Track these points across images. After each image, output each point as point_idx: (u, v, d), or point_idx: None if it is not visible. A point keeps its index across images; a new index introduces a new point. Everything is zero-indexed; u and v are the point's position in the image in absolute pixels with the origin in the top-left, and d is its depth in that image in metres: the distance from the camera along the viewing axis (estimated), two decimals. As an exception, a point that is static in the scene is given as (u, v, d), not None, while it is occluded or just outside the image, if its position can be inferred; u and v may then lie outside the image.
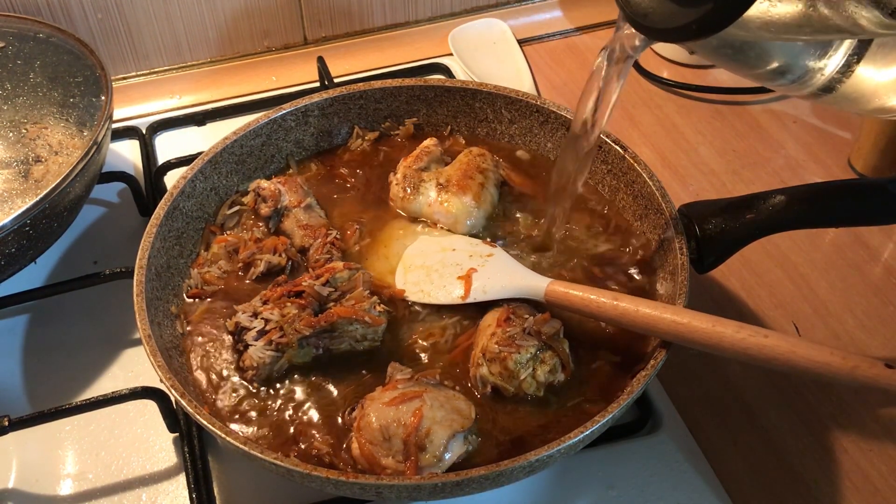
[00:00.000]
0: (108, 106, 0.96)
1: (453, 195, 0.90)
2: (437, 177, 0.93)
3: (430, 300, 0.83)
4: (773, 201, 0.80)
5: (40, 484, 0.82)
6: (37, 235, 0.87)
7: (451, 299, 0.82)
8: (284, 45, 1.31)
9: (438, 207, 0.91)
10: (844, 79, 0.60)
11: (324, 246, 0.87)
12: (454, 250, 0.87)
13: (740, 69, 0.67)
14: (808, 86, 0.62)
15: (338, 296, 0.81)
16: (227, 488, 0.81)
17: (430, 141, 0.97)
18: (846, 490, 0.80)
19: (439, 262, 0.85)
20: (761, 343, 0.66)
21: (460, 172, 0.92)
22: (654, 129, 1.19)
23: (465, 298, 0.82)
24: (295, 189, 0.92)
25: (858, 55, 0.59)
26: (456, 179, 0.91)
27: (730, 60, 0.65)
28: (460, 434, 0.71)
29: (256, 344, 0.78)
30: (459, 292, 0.82)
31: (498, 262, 0.84)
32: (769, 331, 0.67)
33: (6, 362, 0.92)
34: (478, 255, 0.86)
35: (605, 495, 0.79)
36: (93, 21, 1.19)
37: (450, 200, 0.90)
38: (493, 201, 0.92)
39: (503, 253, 0.86)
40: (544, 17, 1.40)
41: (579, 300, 0.75)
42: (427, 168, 0.94)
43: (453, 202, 0.90)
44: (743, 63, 0.65)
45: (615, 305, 0.73)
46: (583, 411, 0.74)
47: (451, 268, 0.84)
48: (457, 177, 0.92)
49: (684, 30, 0.54)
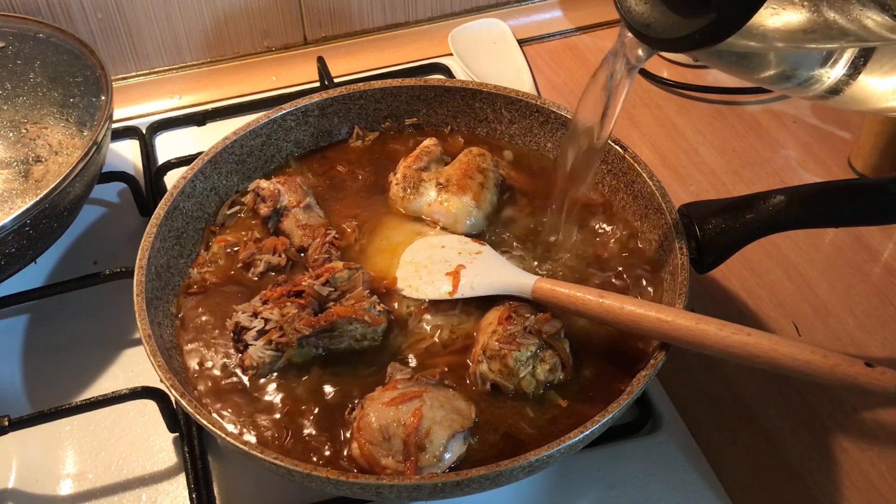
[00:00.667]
0: (108, 106, 0.96)
1: (453, 195, 0.91)
2: (436, 177, 0.93)
3: (419, 295, 0.83)
4: (773, 201, 0.80)
5: (40, 484, 0.82)
6: (37, 235, 0.87)
7: (440, 294, 0.83)
8: (284, 45, 1.31)
9: (438, 207, 0.91)
10: (851, 81, 0.60)
11: (322, 245, 0.87)
12: (443, 247, 0.87)
13: (745, 74, 0.67)
14: (815, 89, 0.62)
15: (337, 295, 0.81)
16: (227, 488, 0.81)
17: (430, 141, 0.97)
18: (846, 490, 0.80)
19: (428, 259, 0.86)
20: (744, 341, 0.67)
21: (460, 172, 0.92)
22: (654, 129, 1.19)
23: (452, 294, 0.82)
24: (294, 189, 0.92)
25: (865, 58, 0.58)
26: (456, 179, 0.91)
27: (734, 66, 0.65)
28: (460, 434, 0.71)
29: (256, 344, 0.78)
30: (447, 288, 0.83)
31: (486, 259, 0.85)
32: (752, 329, 0.67)
33: (6, 362, 0.92)
34: (467, 252, 0.86)
35: (605, 495, 0.79)
36: (93, 21, 1.19)
37: (449, 200, 0.90)
38: (492, 201, 0.92)
39: (491, 251, 0.87)
40: (544, 17, 1.40)
41: (565, 297, 0.76)
42: (427, 168, 0.94)
43: (453, 202, 0.90)
44: (747, 68, 0.65)
45: (600, 303, 0.73)
46: (583, 411, 0.74)
47: (439, 264, 0.85)
48: (456, 176, 0.92)
49: (688, 40, 0.53)
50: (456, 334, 0.81)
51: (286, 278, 0.84)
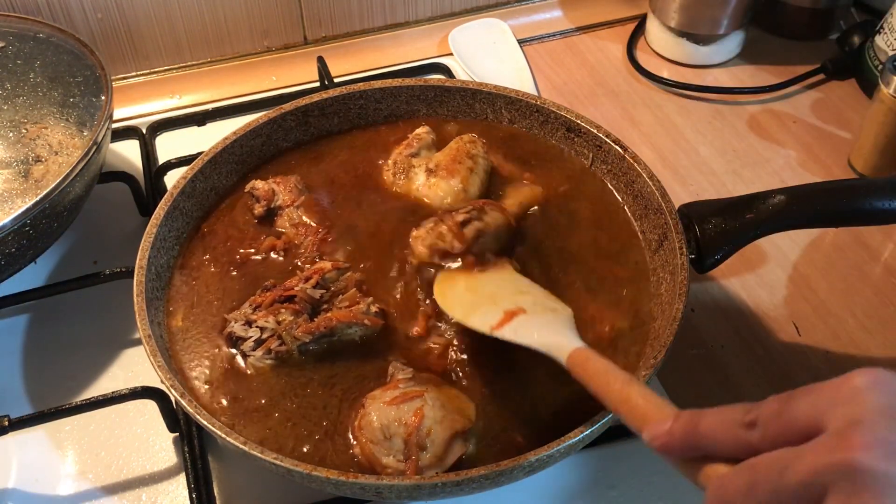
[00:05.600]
0: (108, 106, 0.96)
1: (441, 179, 0.91)
2: (426, 162, 0.93)
3: (461, 317, 0.76)
4: (773, 201, 0.80)
5: (40, 484, 0.82)
6: (37, 235, 0.87)
7: (480, 325, 0.74)
8: (284, 45, 1.31)
9: (426, 190, 0.92)
10: None
11: (313, 245, 0.87)
12: (522, 293, 0.79)
13: None
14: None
15: (329, 297, 0.81)
16: (227, 488, 0.81)
17: (423, 129, 0.97)
18: (846, 490, 0.80)
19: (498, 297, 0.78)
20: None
21: (449, 158, 0.93)
22: (654, 129, 1.19)
23: (494, 329, 0.73)
24: (290, 189, 0.92)
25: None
26: (445, 164, 0.92)
27: None
28: (461, 434, 0.71)
29: (255, 354, 0.78)
30: (492, 322, 0.73)
31: (554, 318, 0.74)
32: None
33: (6, 362, 0.92)
34: (540, 305, 0.77)
35: (605, 495, 0.79)
36: (93, 21, 1.19)
37: (438, 184, 0.91)
38: (480, 186, 0.92)
39: (568, 313, 0.76)
40: (544, 17, 1.40)
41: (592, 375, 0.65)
42: (417, 154, 0.94)
43: (441, 185, 0.91)
44: None
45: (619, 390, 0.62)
46: (582, 412, 0.74)
47: (505, 303, 0.76)
48: (446, 162, 0.92)
49: None
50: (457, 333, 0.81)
51: (274, 283, 0.83)
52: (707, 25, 1.24)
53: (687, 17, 1.24)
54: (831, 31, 1.32)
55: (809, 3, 1.29)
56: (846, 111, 1.20)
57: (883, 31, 1.16)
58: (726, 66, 1.29)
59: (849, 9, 1.33)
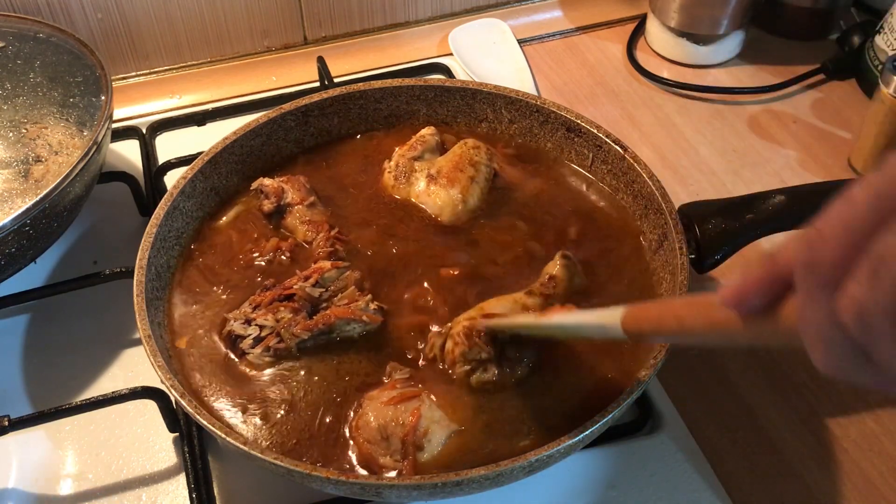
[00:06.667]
0: (108, 106, 0.96)
1: (441, 188, 0.91)
2: (428, 167, 0.93)
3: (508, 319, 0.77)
4: (773, 201, 0.80)
5: (40, 484, 0.82)
6: (37, 235, 0.87)
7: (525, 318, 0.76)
8: (284, 44, 1.31)
9: (426, 198, 0.92)
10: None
11: (327, 240, 0.87)
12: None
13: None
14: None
15: (329, 295, 0.81)
16: (227, 488, 0.81)
17: (428, 130, 0.97)
18: (846, 490, 0.80)
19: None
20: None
21: (451, 165, 0.92)
22: (654, 129, 1.19)
23: (541, 317, 0.73)
24: (298, 187, 0.92)
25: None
26: (446, 171, 0.92)
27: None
28: (459, 434, 0.71)
29: (254, 351, 0.78)
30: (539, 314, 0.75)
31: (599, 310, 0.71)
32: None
33: (6, 362, 0.92)
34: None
35: (605, 495, 0.79)
36: (93, 21, 1.19)
37: (437, 193, 0.91)
38: (481, 195, 0.92)
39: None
40: (544, 17, 1.40)
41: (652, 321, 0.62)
42: (421, 157, 0.94)
43: (441, 194, 0.91)
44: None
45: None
46: (583, 411, 0.74)
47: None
48: (447, 168, 0.92)
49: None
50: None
51: (274, 282, 0.84)
52: (707, 25, 1.24)
53: (687, 17, 1.24)
54: (831, 31, 1.32)
55: (809, 3, 1.29)
56: (846, 111, 1.20)
57: (883, 31, 1.16)
58: (726, 66, 1.29)
59: (849, 9, 1.33)
